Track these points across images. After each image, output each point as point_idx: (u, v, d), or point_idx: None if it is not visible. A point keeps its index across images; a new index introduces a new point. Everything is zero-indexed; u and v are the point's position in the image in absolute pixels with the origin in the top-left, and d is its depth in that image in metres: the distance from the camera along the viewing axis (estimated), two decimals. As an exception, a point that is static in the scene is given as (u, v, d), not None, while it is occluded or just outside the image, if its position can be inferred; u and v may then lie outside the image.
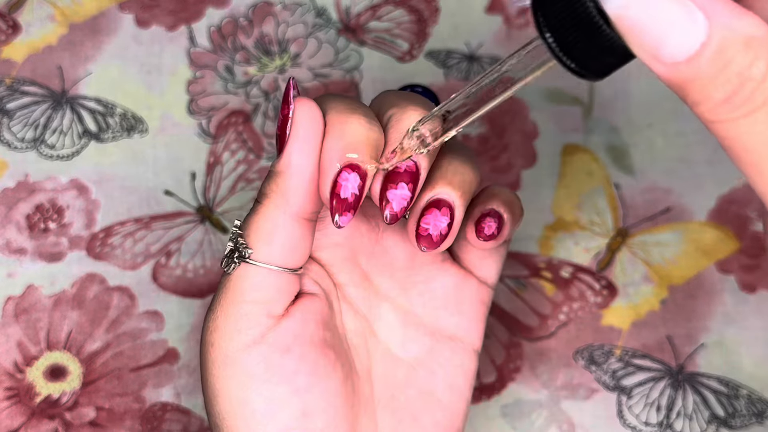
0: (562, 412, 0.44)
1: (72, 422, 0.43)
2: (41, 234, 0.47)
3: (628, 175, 0.48)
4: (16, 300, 0.45)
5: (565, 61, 0.23)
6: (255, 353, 0.29)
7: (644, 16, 0.21)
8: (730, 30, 0.20)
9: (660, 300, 0.46)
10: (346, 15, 0.52)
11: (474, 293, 0.34)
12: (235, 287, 0.30)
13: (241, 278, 0.30)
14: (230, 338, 0.29)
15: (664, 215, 0.48)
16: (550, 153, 0.49)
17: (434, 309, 0.34)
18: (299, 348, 0.30)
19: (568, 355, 0.45)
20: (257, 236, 0.30)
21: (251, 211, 0.30)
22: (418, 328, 0.34)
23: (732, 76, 0.21)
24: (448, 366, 0.34)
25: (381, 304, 0.34)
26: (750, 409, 0.44)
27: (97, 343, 0.45)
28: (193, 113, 0.49)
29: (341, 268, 0.33)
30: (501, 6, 0.52)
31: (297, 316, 0.30)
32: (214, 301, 0.31)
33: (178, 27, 0.51)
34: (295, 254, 0.30)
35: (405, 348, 0.33)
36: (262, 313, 0.30)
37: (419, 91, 0.41)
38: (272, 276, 0.30)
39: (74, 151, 0.48)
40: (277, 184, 0.29)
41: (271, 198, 0.29)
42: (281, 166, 0.29)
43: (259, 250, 0.30)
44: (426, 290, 0.34)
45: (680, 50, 0.21)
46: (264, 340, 0.30)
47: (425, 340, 0.34)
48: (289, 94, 0.29)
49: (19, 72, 0.50)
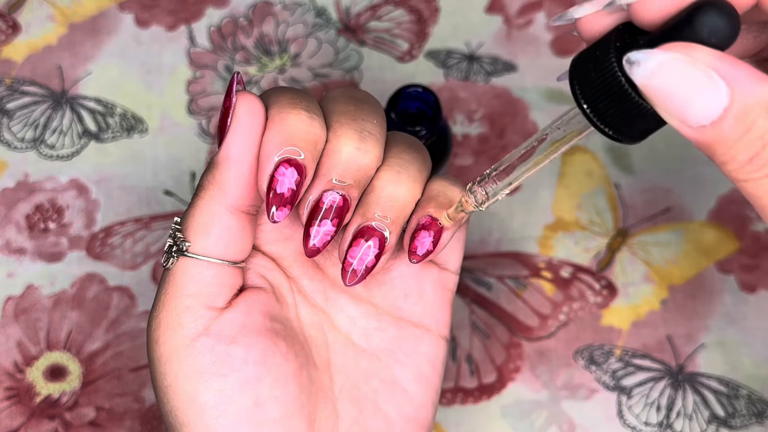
0: (562, 412, 0.44)
1: (72, 422, 0.43)
2: (41, 234, 0.47)
3: (628, 175, 0.48)
4: (16, 300, 0.45)
5: (601, 127, 0.25)
6: (200, 346, 0.29)
7: (669, 85, 0.22)
8: (752, 96, 0.22)
9: (660, 300, 0.46)
10: (346, 15, 0.52)
11: (435, 280, 0.33)
12: (174, 281, 0.30)
13: (180, 272, 0.29)
14: (173, 333, 0.29)
15: (664, 215, 0.48)
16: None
17: (395, 299, 0.33)
18: (245, 338, 0.30)
19: (568, 355, 0.45)
20: (194, 229, 0.29)
21: (190, 205, 0.30)
22: (381, 318, 0.33)
23: (754, 139, 0.22)
24: (414, 355, 0.33)
25: (339, 296, 0.33)
26: (750, 409, 0.44)
27: (96, 343, 0.45)
28: (192, 113, 0.49)
29: (293, 261, 0.33)
30: (501, 6, 0.52)
31: (241, 307, 0.30)
32: (156, 298, 0.30)
33: (177, 27, 0.51)
34: (234, 247, 0.30)
35: (367, 338, 0.33)
36: (202, 305, 0.29)
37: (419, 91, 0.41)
38: (211, 268, 0.29)
39: (74, 151, 0.48)
40: (215, 176, 0.29)
41: (208, 190, 0.29)
42: (220, 157, 0.29)
43: (196, 243, 0.29)
44: (385, 280, 0.33)
45: (705, 115, 0.22)
46: (208, 332, 0.29)
47: (389, 329, 0.33)
48: (232, 87, 0.29)
49: (19, 72, 0.50)
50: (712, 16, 0.22)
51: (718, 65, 0.22)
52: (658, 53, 0.22)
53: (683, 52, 0.22)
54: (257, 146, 0.28)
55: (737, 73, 0.22)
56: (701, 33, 0.23)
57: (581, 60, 0.25)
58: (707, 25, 0.22)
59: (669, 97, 0.22)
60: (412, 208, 0.31)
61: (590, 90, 0.24)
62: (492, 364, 0.45)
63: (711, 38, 0.23)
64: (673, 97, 0.22)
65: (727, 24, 0.22)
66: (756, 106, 0.22)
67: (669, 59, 0.22)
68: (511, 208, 0.48)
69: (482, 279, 0.46)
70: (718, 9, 0.22)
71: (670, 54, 0.22)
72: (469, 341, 0.45)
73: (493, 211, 0.47)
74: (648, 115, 0.24)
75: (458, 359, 0.45)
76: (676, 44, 0.23)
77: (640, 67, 0.23)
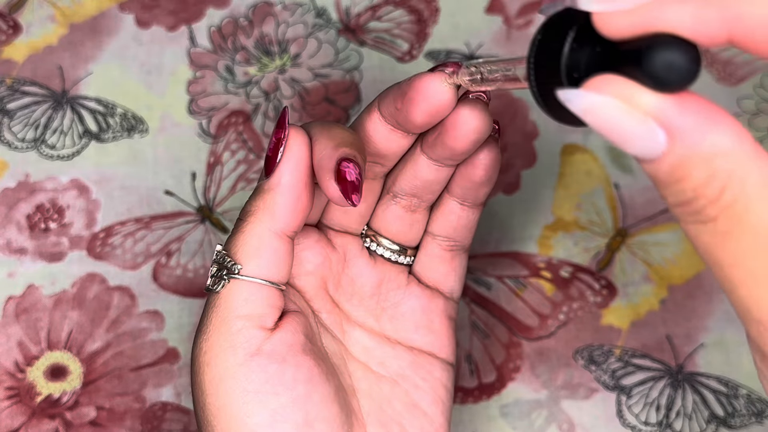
0: (561, 412, 0.44)
1: (72, 422, 0.43)
2: (42, 234, 0.47)
3: (628, 174, 0.48)
4: (16, 300, 0.45)
5: (538, 102, 0.24)
6: (253, 365, 0.30)
7: (603, 124, 0.21)
8: (692, 148, 0.20)
9: (659, 300, 0.46)
10: (346, 15, 0.52)
11: (441, 310, 0.36)
12: (225, 304, 0.30)
13: (231, 295, 0.30)
14: (226, 354, 0.30)
15: (664, 215, 0.48)
16: (550, 153, 0.49)
17: (406, 332, 0.35)
18: (294, 358, 0.30)
19: (567, 354, 0.45)
20: (245, 252, 0.31)
21: (235, 230, 0.31)
22: (395, 347, 0.35)
23: (686, 189, 0.21)
24: (430, 379, 0.35)
25: (354, 329, 0.35)
26: (749, 409, 0.44)
27: (97, 342, 0.45)
28: (193, 113, 0.49)
29: (314, 295, 0.34)
30: (501, 6, 0.52)
31: (287, 327, 0.31)
32: (204, 320, 0.31)
33: (178, 27, 0.51)
34: (281, 269, 0.31)
35: (384, 366, 0.35)
36: (254, 326, 0.30)
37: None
38: (262, 290, 0.30)
39: (75, 151, 0.48)
40: (265, 201, 0.31)
41: (257, 215, 0.31)
42: (271, 184, 0.31)
43: (247, 265, 0.30)
44: (396, 315, 0.35)
45: (641, 153, 0.21)
46: (260, 352, 0.30)
47: (404, 356, 0.35)
48: (284, 120, 0.31)
49: (20, 72, 0.50)
50: (667, 54, 0.20)
51: (660, 112, 0.21)
52: (591, 95, 0.21)
53: (620, 93, 0.21)
54: (306, 175, 0.31)
55: (682, 122, 0.20)
56: (651, 70, 0.21)
57: (548, 29, 0.24)
58: (661, 63, 0.20)
59: (605, 132, 0.21)
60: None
61: (539, 71, 0.23)
62: (491, 363, 0.45)
63: (663, 78, 0.21)
64: (609, 134, 0.21)
65: (685, 65, 0.20)
66: (695, 157, 0.20)
67: (603, 102, 0.21)
68: (511, 208, 0.48)
69: (482, 279, 0.46)
70: (674, 48, 0.21)
71: (604, 98, 0.21)
72: (469, 341, 0.45)
73: (493, 211, 0.48)
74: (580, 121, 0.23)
75: (458, 359, 0.45)
76: (615, 80, 0.21)
77: (573, 104, 0.22)
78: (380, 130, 0.32)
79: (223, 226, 0.47)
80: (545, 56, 0.23)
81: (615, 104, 0.21)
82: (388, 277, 0.36)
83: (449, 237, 0.35)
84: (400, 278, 0.36)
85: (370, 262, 0.35)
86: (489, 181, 0.34)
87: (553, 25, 0.23)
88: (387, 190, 0.35)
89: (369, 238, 0.36)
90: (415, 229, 0.36)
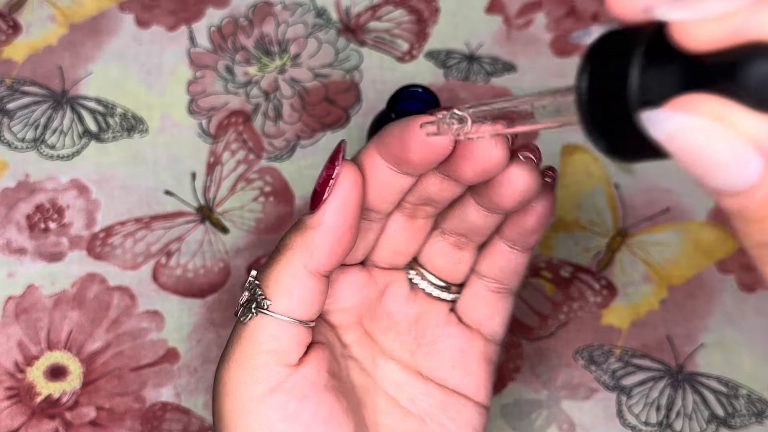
0: (561, 412, 0.44)
1: (72, 422, 0.43)
2: (41, 234, 0.47)
3: (628, 175, 0.48)
4: (16, 300, 0.45)
5: (594, 139, 0.21)
6: (273, 402, 0.29)
7: (692, 151, 0.19)
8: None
9: (660, 300, 0.46)
10: (346, 15, 0.52)
11: (480, 352, 0.34)
12: (251, 337, 0.30)
13: (258, 329, 0.30)
14: (246, 388, 0.30)
15: (664, 215, 0.48)
16: (550, 153, 0.49)
17: (441, 370, 0.34)
18: (315, 395, 0.30)
19: (567, 354, 0.45)
20: (276, 288, 0.30)
21: (271, 261, 0.30)
22: (427, 385, 0.34)
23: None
24: (459, 421, 0.34)
25: (387, 363, 0.34)
26: (750, 409, 0.44)
27: (97, 342, 0.45)
28: (193, 113, 0.49)
29: (347, 329, 0.33)
30: (501, 6, 0.52)
31: (311, 363, 0.30)
32: (228, 350, 0.31)
33: (178, 27, 0.51)
34: (312, 308, 0.30)
35: (414, 403, 0.33)
36: (278, 363, 0.30)
37: (419, 91, 0.41)
38: (290, 328, 0.30)
39: (74, 151, 0.48)
40: (304, 238, 0.30)
41: (295, 251, 0.30)
42: (313, 222, 0.29)
43: (277, 302, 0.30)
44: (433, 350, 0.34)
45: (728, 185, 0.19)
46: (281, 388, 0.30)
47: (435, 394, 0.34)
48: (338, 156, 0.30)
49: (20, 72, 0.50)
50: (767, 68, 0.17)
51: (759, 136, 0.18)
52: (680, 116, 0.18)
53: (717, 115, 0.18)
54: (351, 218, 0.29)
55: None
56: (749, 88, 0.18)
57: (601, 52, 0.20)
58: (759, 79, 0.17)
59: (690, 161, 0.19)
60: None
61: (597, 101, 0.20)
62: (492, 363, 0.45)
63: (761, 97, 0.18)
64: (696, 162, 0.19)
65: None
66: None
67: (697, 124, 0.18)
68: (511, 208, 0.48)
69: (482, 279, 0.46)
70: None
71: (699, 119, 0.18)
72: (469, 341, 0.45)
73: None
74: (656, 153, 0.20)
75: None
76: (710, 99, 0.18)
77: (659, 127, 0.19)
78: (432, 180, 0.31)
79: (223, 226, 0.47)
80: (604, 80, 0.20)
81: (709, 126, 0.18)
82: (428, 313, 0.34)
83: (496, 279, 0.34)
84: (440, 315, 0.34)
85: (410, 296, 0.34)
86: (541, 228, 0.32)
87: (606, 46, 0.20)
88: (436, 225, 0.34)
89: (414, 270, 0.34)
90: (461, 267, 0.34)
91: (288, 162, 0.48)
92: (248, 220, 0.47)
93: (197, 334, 0.45)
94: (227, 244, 0.47)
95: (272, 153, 0.49)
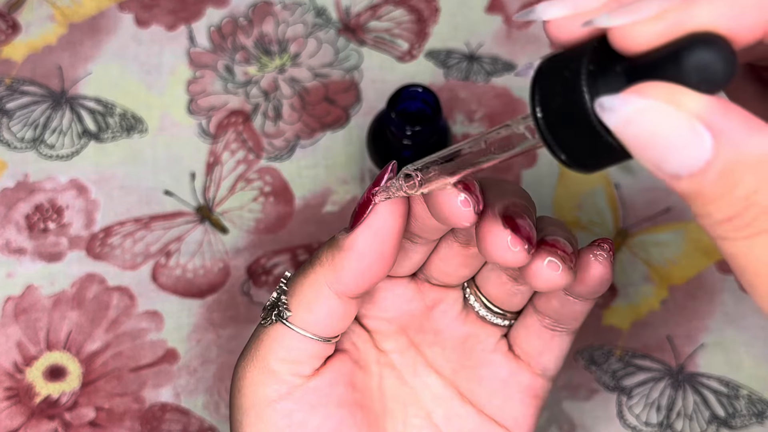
0: (562, 413, 0.44)
1: (71, 422, 0.43)
2: (41, 234, 0.47)
3: (628, 175, 0.48)
4: (15, 300, 0.45)
5: (559, 156, 0.22)
6: (280, 408, 0.29)
7: (646, 134, 0.19)
8: (740, 150, 0.19)
9: (660, 300, 0.46)
10: (346, 15, 0.52)
11: (527, 386, 0.33)
12: (267, 343, 0.30)
13: (275, 336, 0.30)
14: (257, 389, 0.30)
15: (664, 215, 0.48)
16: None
17: (482, 395, 0.33)
18: (325, 408, 0.30)
19: (568, 355, 0.45)
20: (299, 302, 0.29)
21: (301, 270, 0.30)
22: (466, 406, 0.33)
23: (737, 198, 0.19)
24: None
25: (430, 374, 0.33)
26: (750, 410, 0.44)
27: (96, 343, 0.45)
28: (192, 113, 0.49)
29: (387, 336, 0.33)
30: (501, 6, 0.52)
31: (327, 376, 0.30)
32: (247, 348, 0.31)
33: (177, 27, 0.51)
34: (333, 327, 0.30)
35: (449, 421, 0.32)
36: (290, 372, 0.30)
37: (419, 91, 0.41)
38: (305, 342, 0.30)
39: (74, 151, 0.48)
40: (334, 258, 0.29)
41: (324, 267, 0.29)
42: (345, 244, 0.28)
43: (297, 316, 0.29)
44: (475, 375, 0.33)
45: (683, 167, 0.19)
46: (290, 396, 0.30)
47: (471, 418, 0.33)
48: (382, 177, 0.28)
49: (19, 72, 0.50)
50: (704, 54, 0.19)
51: (705, 113, 0.19)
52: (635, 99, 0.19)
53: (666, 97, 0.19)
54: (387, 245, 0.28)
55: (727, 124, 0.19)
56: (690, 73, 0.19)
57: (547, 72, 0.21)
58: (698, 64, 0.19)
59: (645, 146, 0.20)
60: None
61: (552, 114, 0.21)
62: (492, 364, 0.45)
63: (701, 80, 0.19)
64: (650, 146, 0.20)
65: (721, 65, 0.19)
66: (743, 162, 0.19)
67: (648, 106, 0.19)
68: (511, 208, 0.48)
69: (482, 279, 0.46)
70: (711, 47, 0.19)
71: (650, 101, 0.19)
72: (469, 341, 0.45)
73: (493, 211, 0.47)
74: (615, 151, 0.21)
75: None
76: (658, 85, 0.19)
77: (614, 114, 0.20)
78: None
79: (222, 226, 0.47)
80: (556, 94, 0.21)
81: (661, 107, 0.19)
82: (477, 336, 0.33)
83: (552, 318, 0.32)
84: (490, 340, 0.33)
85: (461, 315, 0.33)
86: (600, 292, 0.31)
87: (552, 67, 0.22)
88: None
89: (470, 289, 0.33)
90: (516, 299, 0.32)
91: (288, 162, 0.48)
92: (248, 220, 0.47)
93: (197, 335, 0.45)
94: (227, 245, 0.47)
95: (272, 153, 0.48)
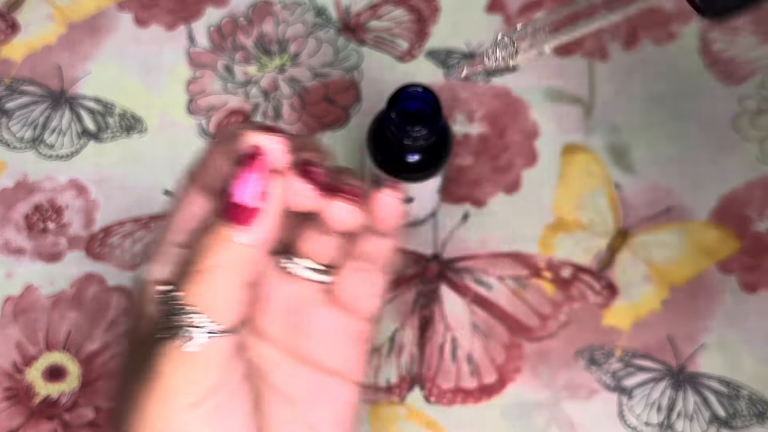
0: (562, 413, 0.44)
1: (71, 423, 0.43)
2: (40, 234, 0.46)
3: (629, 174, 0.48)
4: (14, 300, 0.45)
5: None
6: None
7: None
8: None
9: (661, 300, 0.46)
10: (346, 14, 0.52)
11: (355, 331, 0.34)
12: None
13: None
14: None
15: (665, 215, 0.47)
16: (551, 153, 0.48)
17: (318, 350, 0.34)
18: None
19: (568, 355, 0.45)
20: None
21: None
22: (305, 365, 0.34)
23: None
24: (337, 402, 0.34)
25: (262, 344, 0.33)
26: (751, 410, 0.44)
27: (96, 343, 0.45)
28: (192, 113, 0.49)
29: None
30: (501, 5, 0.52)
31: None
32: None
33: (177, 26, 0.51)
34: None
35: (292, 384, 0.33)
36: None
37: (419, 91, 0.41)
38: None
39: (73, 151, 0.48)
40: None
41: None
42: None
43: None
44: (309, 332, 0.34)
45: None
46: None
47: (313, 376, 0.34)
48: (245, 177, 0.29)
49: (18, 71, 0.50)
50: None
51: None
52: None
53: None
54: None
55: None
56: None
57: None
58: None
59: None
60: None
61: None
62: (492, 364, 0.45)
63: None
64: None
65: None
66: None
67: None
68: (512, 208, 0.47)
69: (482, 279, 0.46)
70: None
71: None
72: (470, 341, 0.45)
73: (493, 210, 0.47)
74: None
75: (458, 360, 0.45)
76: None
77: None
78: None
79: (222, 226, 0.47)
80: None
81: None
82: (304, 294, 0.34)
83: (362, 259, 0.33)
84: (317, 296, 0.34)
85: (286, 278, 0.33)
86: (393, 224, 0.32)
87: None
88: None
89: (284, 257, 0.33)
90: (329, 251, 0.33)
91: (287, 162, 0.48)
92: (248, 220, 0.47)
93: (196, 335, 0.45)
94: (226, 244, 0.47)
95: (272, 153, 0.48)
